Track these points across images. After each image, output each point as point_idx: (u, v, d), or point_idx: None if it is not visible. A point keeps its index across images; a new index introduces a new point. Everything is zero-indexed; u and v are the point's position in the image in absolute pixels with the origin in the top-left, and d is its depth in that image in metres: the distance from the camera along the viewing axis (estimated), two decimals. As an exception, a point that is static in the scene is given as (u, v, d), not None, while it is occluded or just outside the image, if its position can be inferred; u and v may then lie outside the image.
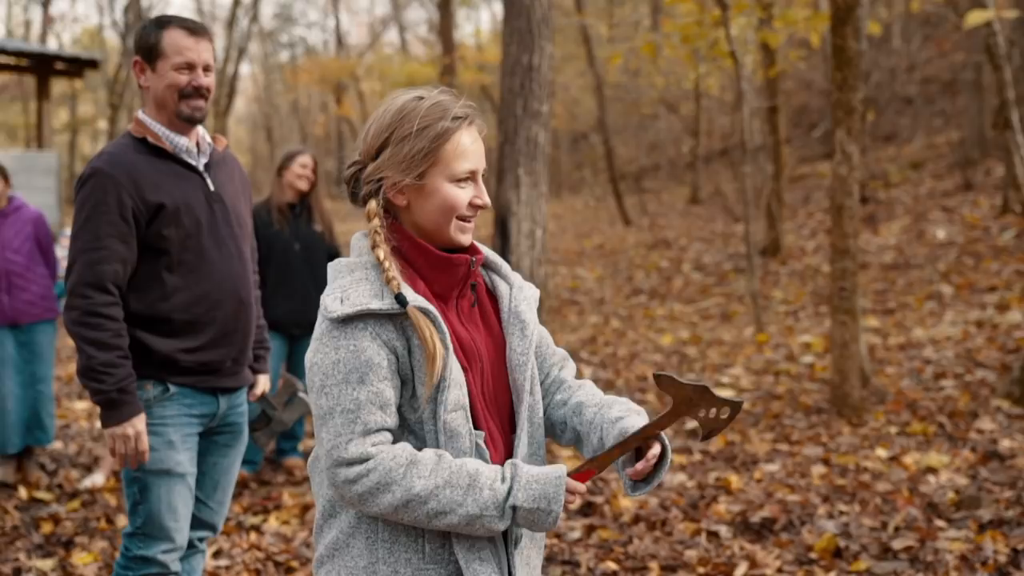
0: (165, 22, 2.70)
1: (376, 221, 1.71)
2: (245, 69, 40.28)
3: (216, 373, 2.76)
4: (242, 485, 4.95)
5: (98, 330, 2.56)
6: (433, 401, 1.67)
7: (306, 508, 4.61)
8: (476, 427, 1.73)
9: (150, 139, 2.69)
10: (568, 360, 2.01)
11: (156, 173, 2.66)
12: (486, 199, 1.74)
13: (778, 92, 12.61)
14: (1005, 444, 4.97)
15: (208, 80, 2.72)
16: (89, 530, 4.40)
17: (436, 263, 1.74)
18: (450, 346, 1.67)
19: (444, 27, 22.79)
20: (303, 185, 5.08)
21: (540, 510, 1.67)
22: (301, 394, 3.11)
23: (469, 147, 1.73)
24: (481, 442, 1.71)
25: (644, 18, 22.78)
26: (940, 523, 4.08)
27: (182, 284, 2.68)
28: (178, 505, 2.71)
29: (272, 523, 4.42)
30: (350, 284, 1.68)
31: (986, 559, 3.66)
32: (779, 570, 3.74)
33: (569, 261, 14.40)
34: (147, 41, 2.69)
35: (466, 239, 1.76)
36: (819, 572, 3.69)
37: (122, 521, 4.48)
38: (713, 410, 1.76)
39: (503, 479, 1.68)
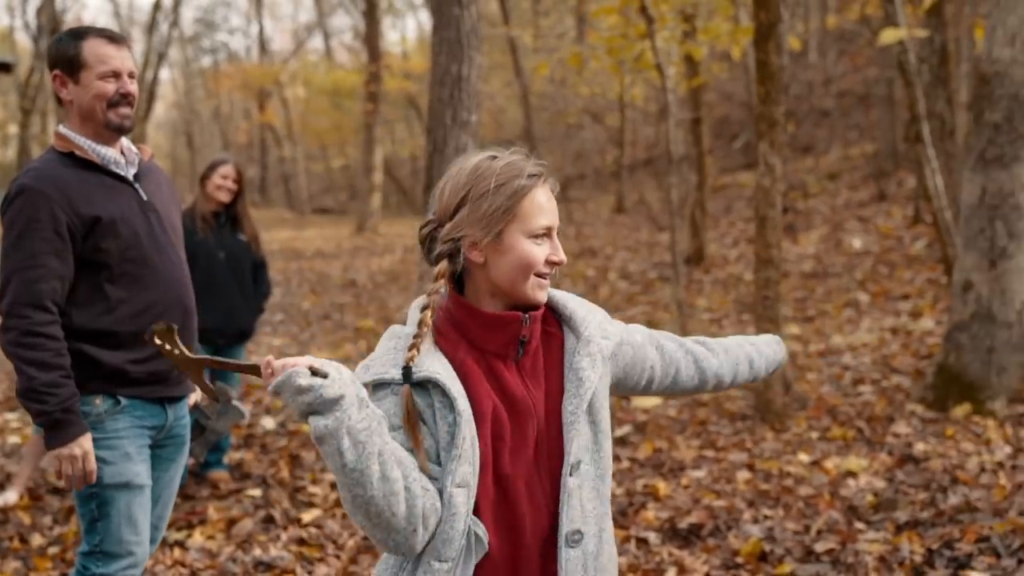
0: (82, 33, 2.66)
1: (439, 283, 1.72)
2: (165, 74, 39.47)
3: (164, 382, 2.74)
4: (165, 500, 4.84)
5: (38, 350, 2.50)
6: (443, 471, 1.66)
7: (232, 522, 4.54)
8: (509, 481, 1.72)
9: (77, 153, 2.64)
10: (664, 337, 2.00)
11: (87, 186, 2.61)
12: (562, 256, 1.75)
13: (701, 104, 12.83)
14: (920, 447, 5.13)
15: (134, 87, 2.68)
16: (2, 550, 4.26)
17: (487, 324, 1.74)
18: (468, 419, 1.65)
19: (370, 35, 22.69)
20: (224, 196, 5.01)
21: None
22: (235, 402, 3.07)
23: (545, 204, 1.74)
24: (479, 531, 1.69)
25: (570, 29, 22.98)
26: (860, 525, 4.19)
27: (126, 296, 2.65)
28: (139, 518, 2.67)
29: (197, 538, 4.34)
30: (381, 352, 1.73)
31: (903, 559, 3.77)
32: (707, 575, 3.80)
33: (496, 270, 14.41)
34: (66, 53, 2.63)
35: (543, 296, 1.76)
36: (745, 576, 3.76)
37: (37, 540, 4.35)
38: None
39: None
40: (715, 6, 10.58)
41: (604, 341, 1.82)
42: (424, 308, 1.72)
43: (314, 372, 1.58)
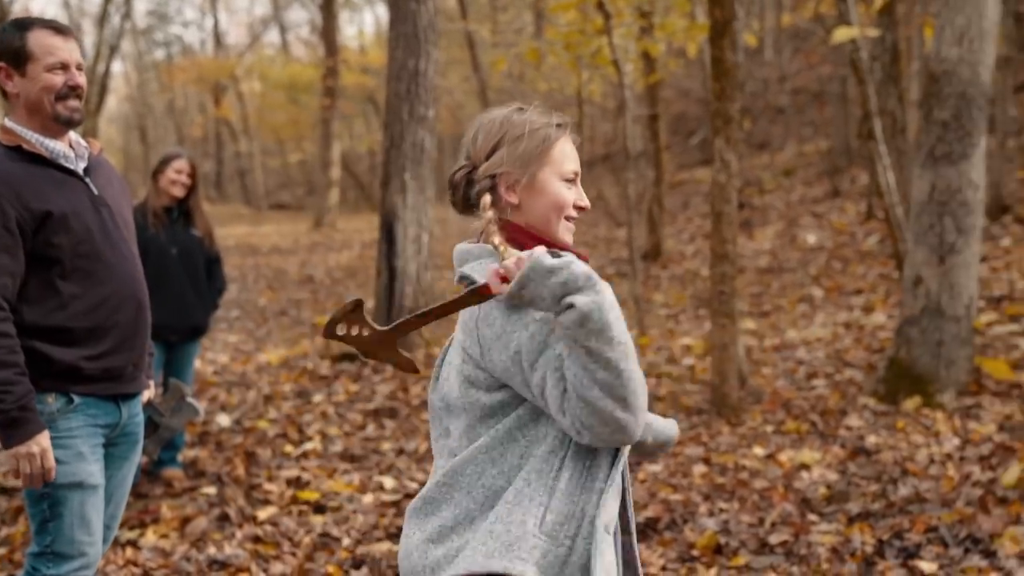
0: (27, 24, 2.61)
1: (491, 213, 1.80)
2: (117, 67, 38.88)
3: (119, 379, 2.70)
4: (117, 499, 4.78)
5: None
6: None
7: (186, 521, 4.49)
8: None
9: (25, 147, 2.58)
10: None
11: (37, 181, 2.56)
12: (587, 201, 1.88)
13: (658, 100, 12.90)
14: (871, 440, 5.21)
15: (82, 79, 2.64)
16: (-49, 551, 4.18)
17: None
18: None
19: (327, 29, 22.52)
20: (178, 191, 4.94)
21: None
22: (189, 399, 3.03)
23: (571, 151, 1.87)
24: None
25: (528, 24, 22.98)
26: (813, 517, 4.25)
27: (79, 291, 2.60)
28: (92, 518, 2.63)
29: (150, 537, 4.28)
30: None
31: (854, 550, 3.83)
32: (663, 568, 3.83)
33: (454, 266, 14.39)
34: (11, 45, 2.58)
35: (570, 238, 1.88)
36: (701, 569, 3.79)
37: (-13, 540, 4.27)
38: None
39: None
40: (672, 3, 10.64)
41: None
42: (490, 234, 1.78)
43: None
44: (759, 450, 5.21)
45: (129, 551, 4.13)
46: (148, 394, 2.99)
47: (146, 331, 2.80)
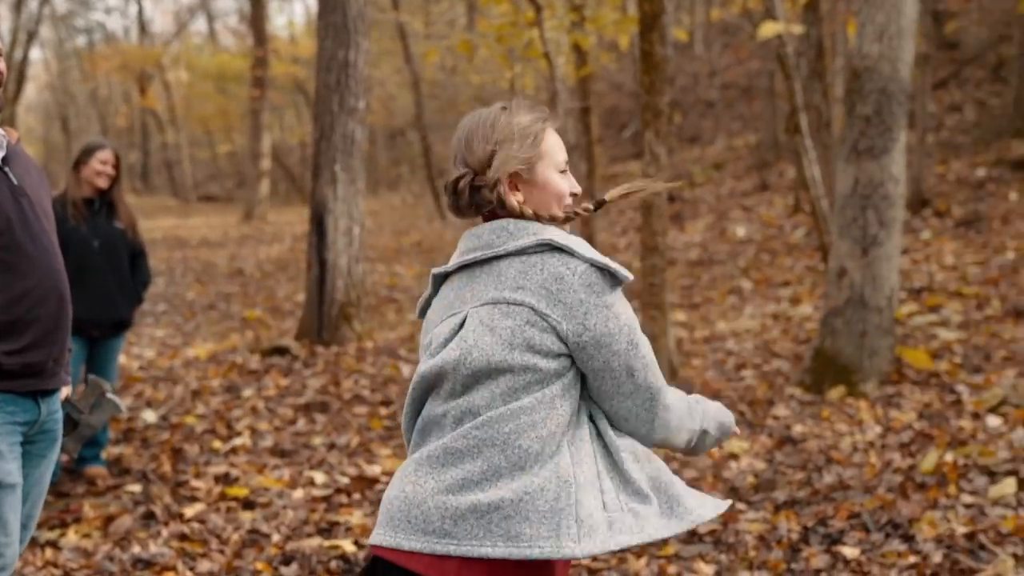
0: None
1: (528, 210, 1.91)
2: (36, 54, 37.78)
3: (39, 375, 2.60)
4: (38, 498, 4.65)
5: None
6: None
7: (109, 519, 4.38)
8: None
9: None
10: None
11: None
12: (578, 187, 1.98)
13: (590, 93, 12.96)
14: (798, 429, 5.31)
15: (1, 65, 2.55)
16: None
17: None
18: None
19: (256, 18, 22.17)
20: (102, 183, 4.81)
21: (714, 437, 2.05)
22: (109, 395, 2.95)
23: (558, 141, 1.97)
24: None
25: (460, 16, 22.93)
26: (741, 506, 4.32)
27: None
28: (9, 518, 2.52)
29: (71, 537, 4.17)
30: (599, 253, 1.86)
31: (780, 538, 3.91)
32: (594, 558, 3.86)
33: (387, 258, 14.33)
34: None
35: (567, 226, 1.98)
36: (631, 559, 3.83)
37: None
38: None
39: (697, 402, 2.03)
40: (603, -4, 10.70)
41: None
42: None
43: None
44: (688, 440, 5.27)
45: (49, 552, 4.02)
46: (67, 391, 2.91)
47: (67, 325, 2.72)
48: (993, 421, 5.08)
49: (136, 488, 4.81)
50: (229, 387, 6.85)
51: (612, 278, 1.83)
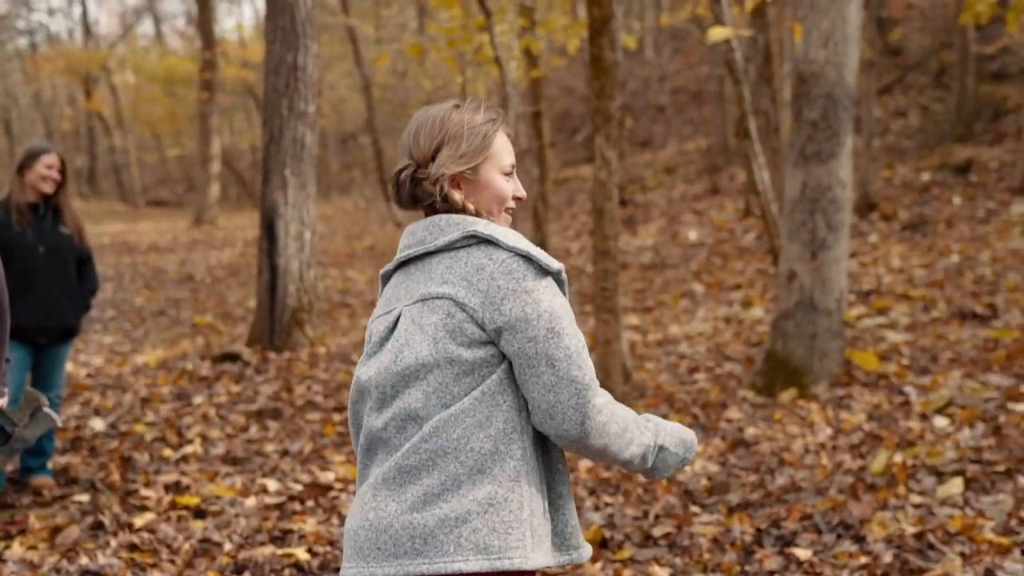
0: None
1: (470, 206, 1.90)
2: (-22, 56, 36.91)
3: None
4: (-19, 511, 4.54)
5: None
6: None
7: (56, 530, 4.29)
8: None
9: None
10: None
11: None
12: (523, 192, 1.98)
13: (542, 97, 12.99)
14: (750, 432, 5.37)
15: None
16: None
17: None
18: None
19: (203, 20, 21.89)
20: (47, 188, 4.71)
21: (678, 455, 1.95)
22: (46, 408, 2.87)
23: (507, 144, 1.96)
24: None
25: (411, 20, 22.85)
26: (695, 509, 4.35)
27: None
28: None
29: (16, 549, 4.08)
30: (531, 244, 1.85)
31: (734, 540, 3.94)
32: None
33: (339, 263, 14.23)
34: None
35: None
36: (586, 563, 3.84)
37: None
38: None
39: (647, 419, 1.94)
40: (553, 0, 10.74)
41: None
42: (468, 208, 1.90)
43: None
44: (643, 443, 5.30)
45: (-6, 566, 3.92)
46: (1, 401, 2.84)
47: (3, 333, 2.64)
48: (940, 422, 5.18)
49: (84, 498, 4.72)
50: (179, 394, 6.75)
51: (537, 267, 1.82)
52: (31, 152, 4.77)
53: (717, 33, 7.52)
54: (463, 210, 1.90)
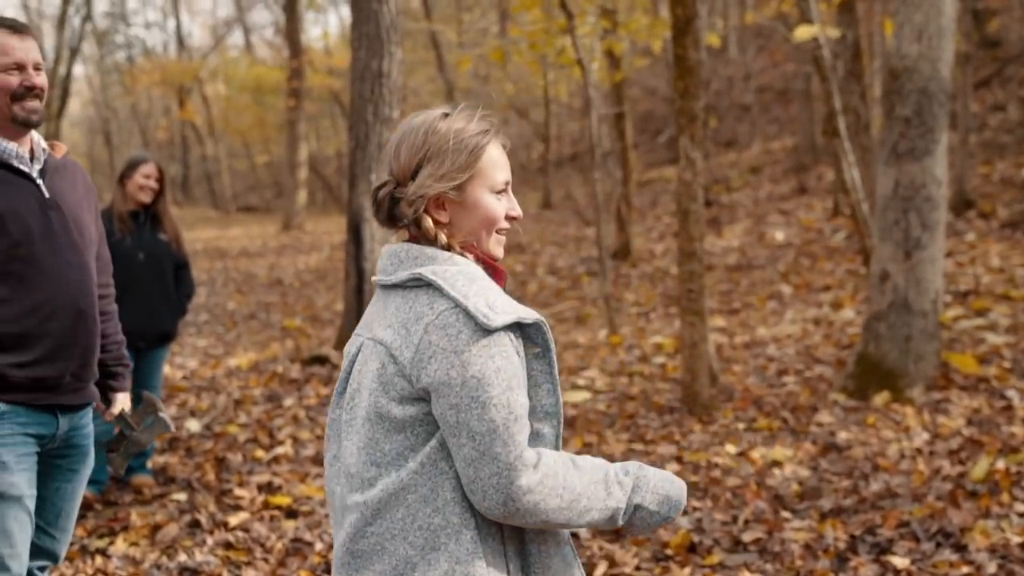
0: None
1: (442, 236, 1.72)
2: (79, 70, 38.40)
3: (54, 390, 2.60)
4: (86, 507, 4.71)
5: None
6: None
7: (156, 528, 4.43)
8: None
9: None
10: None
11: None
12: (519, 211, 1.78)
13: (624, 99, 12.94)
14: (842, 436, 5.24)
15: (41, 80, 2.58)
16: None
17: (496, 274, 1.77)
18: None
19: (291, 30, 22.37)
20: (146, 197, 4.88)
21: (659, 513, 1.75)
22: (161, 414, 2.97)
23: (500, 159, 1.76)
24: None
25: (492, 24, 22.97)
26: (786, 514, 4.27)
27: (10, 295, 2.51)
28: (13, 530, 2.52)
29: (120, 546, 4.22)
30: (487, 290, 1.66)
31: (827, 546, 3.85)
32: (637, 568, 3.83)
33: (424, 267, 14.35)
34: None
35: (501, 251, 1.79)
36: (675, 568, 3.80)
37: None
38: None
39: (627, 473, 1.74)
40: (635, 1, 10.68)
41: None
42: (453, 256, 1.72)
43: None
44: (731, 448, 5.23)
45: (99, 559, 4.07)
46: (120, 406, 2.93)
47: (89, 342, 2.67)
48: (1044, 426, 4.99)
49: (181, 497, 4.86)
50: (270, 396, 6.90)
51: (475, 324, 1.61)
52: (131, 162, 4.94)
53: (804, 32, 7.38)
54: (435, 239, 1.71)
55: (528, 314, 1.66)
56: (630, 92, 15.72)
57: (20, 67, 2.54)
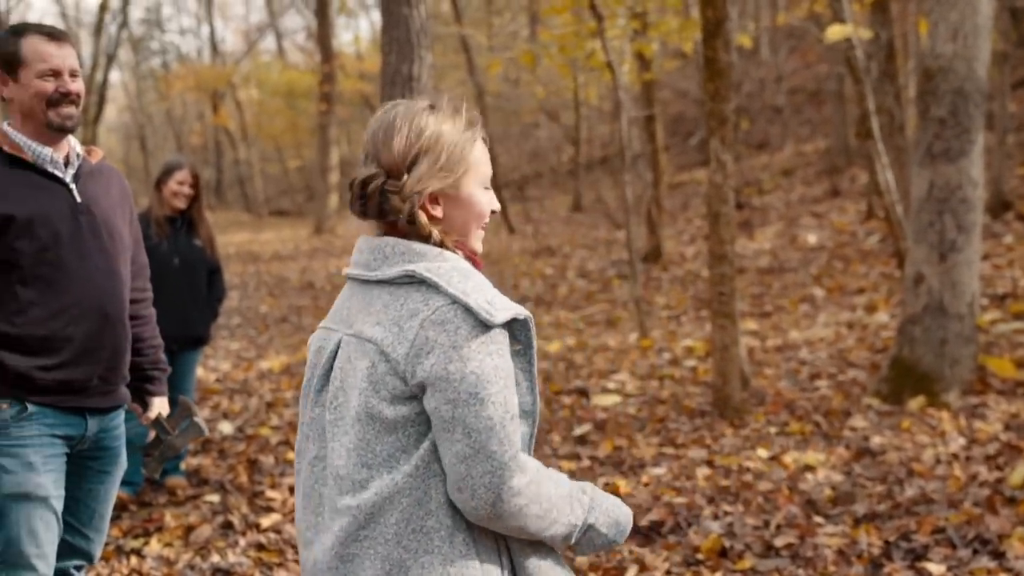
0: (22, 30, 2.60)
1: (436, 232, 1.69)
2: (115, 77, 38.90)
3: (82, 392, 2.63)
4: (121, 508, 4.77)
5: None
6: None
7: (190, 529, 4.47)
8: None
9: (6, 148, 2.57)
10: None
11: (4, 184, 2.54)
12: (497, 205, 1.78)
13: (655, 101, 12.89)
14: (876, 441, 5.19)
15: (77, 86, 2.62)
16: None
17: (476, 269, 1.75)
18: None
19: (322, 35, 22.53)
20: (180, 203, 4.93)
21: (607, 536, 1.75)
22: (196, 419, 2.99)
23: (485, 152, 1.75)
24: None
25: (522, 28, 23.00)
26: (818, 519, 4.23)
27: (38, 298, 2.54)
28: (39, 530, 2.54)
29: (154, 546, 4.27)
30: (483, 286, 1.64)
31: (861, 552, 3.81)
32: (668, 572, 3.81)
33: (454, 270, 14.38)
34: (5, 51, 2.57)
35: (480, 246, 1.78)
36: (706, 572, 3.78)
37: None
38: None
39: (584, 492, 1.74)
40: (665, 3, 10.64)
41: None
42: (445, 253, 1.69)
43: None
44: (763, 452, 5.19)
45: (134, 560, 4.11)
46: (156, 410, 2.96)
47: (117, 346, 2.69)
48: (1083, 431, 4.90)
49: (215, 498, 4.90)
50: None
51: (475, 320, 1.58)
52: (166, 168, 5.00)
53: (836, 32, 7.31)
54: (428, 236, 1.68)
55: (521, 310, 1.64)
56: (660, 94, 15.67)
57: (56, 73, 2.58)
